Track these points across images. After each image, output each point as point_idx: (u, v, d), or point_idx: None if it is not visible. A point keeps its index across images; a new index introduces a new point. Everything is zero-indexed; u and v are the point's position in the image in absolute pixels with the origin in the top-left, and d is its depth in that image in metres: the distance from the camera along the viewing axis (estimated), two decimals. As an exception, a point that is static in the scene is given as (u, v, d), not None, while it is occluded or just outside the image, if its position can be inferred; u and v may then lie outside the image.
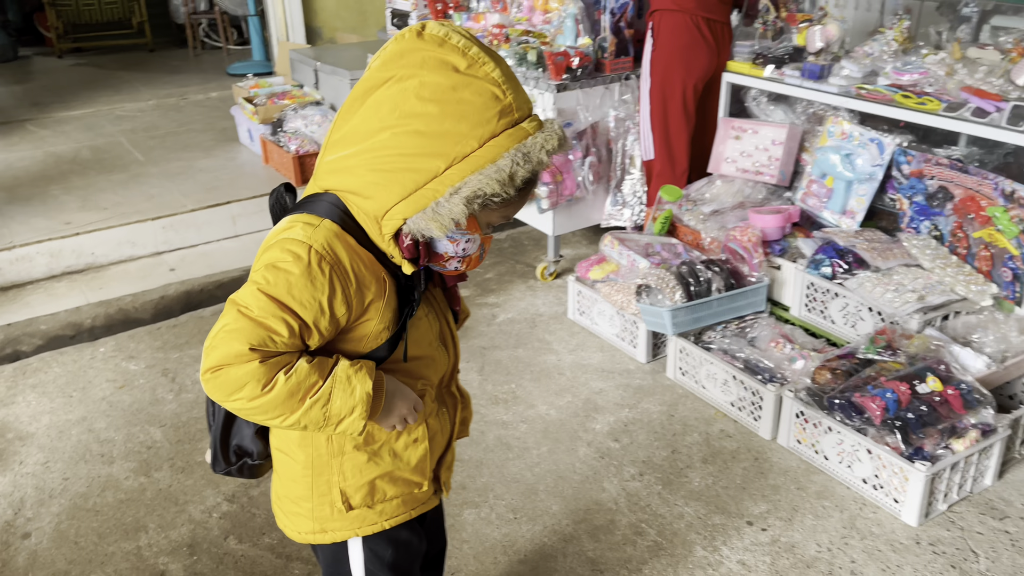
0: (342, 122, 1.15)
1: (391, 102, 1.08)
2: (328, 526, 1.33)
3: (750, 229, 2.91)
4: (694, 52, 3.24)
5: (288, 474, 1.34)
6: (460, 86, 1.06)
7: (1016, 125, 2.47)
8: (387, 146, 1.09)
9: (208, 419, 1.39)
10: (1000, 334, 2.47)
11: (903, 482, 2.17)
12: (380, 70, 1.10)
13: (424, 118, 1.07)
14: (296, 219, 1.15)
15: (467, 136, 1.07)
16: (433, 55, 1.07)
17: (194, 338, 3.22)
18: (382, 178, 1.10)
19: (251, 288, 1.12)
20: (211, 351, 1.13)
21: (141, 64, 7.28)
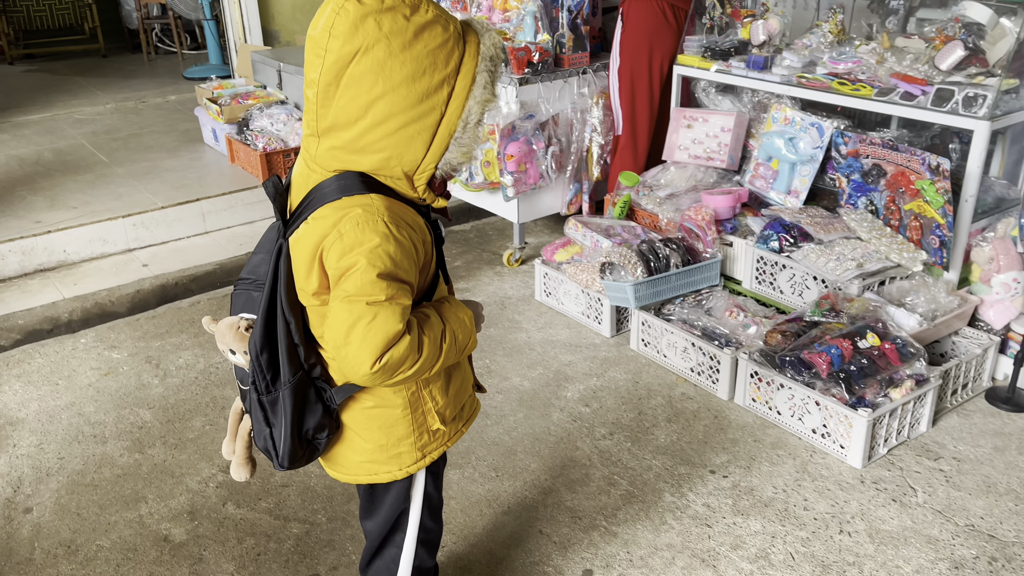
0: (324, 110, 1.22)
1: (371, 72, 1.18)
2: (427, 449, 1.48)
3: (703, 210, 3.12)
4: (660, 34, 3.50)
5: (387, 424, 1.43)
6: (419, 33, 1.19)
7: (939, 106, 2.73)
8: (389, 112, 1.20)
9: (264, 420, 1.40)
10: (930, 296, 2.71)
11: (848, 429, 2.39)
12: (343, 47, 1.18)
13: (407, 73, 1.19)
14: (345, 204, 1.23)
15: (446, 72, 1.22)
16: (384, 16, 1.18)
17: (174, 327, 3.32)
18: (401, 140, 1.22)
19: (364, 277, 1.20)
20: (364, 347, 1.21)
21: (95, 69, 7.26)
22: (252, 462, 1.57)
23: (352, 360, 1.23)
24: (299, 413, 1.37)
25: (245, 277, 1.48)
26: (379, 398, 1.42)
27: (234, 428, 1.56)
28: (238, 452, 1.55)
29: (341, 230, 1.22)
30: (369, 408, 1.43)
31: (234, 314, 1.46)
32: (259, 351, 1.34)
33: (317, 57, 1.21)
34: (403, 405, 1.43)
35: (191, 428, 2.64)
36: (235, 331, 1.41)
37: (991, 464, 2.42)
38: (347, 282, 1.22)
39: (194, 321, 3.37)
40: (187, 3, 6.93)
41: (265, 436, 1.41)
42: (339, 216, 1.23)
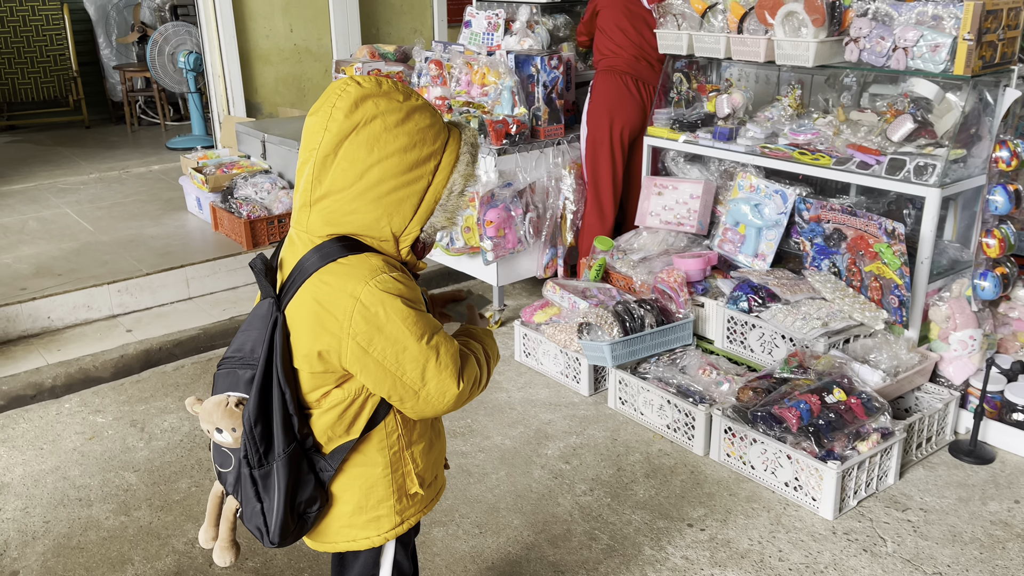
0: (320, 179, 1.32)
1: (367, 143, 1.30)
2: (405, 515, 1.51)
3: (675, 272, 3.26)
4: (621, 104, 3.71)
5: (366, 484, 1.46)
6: (411, 114, 1.34)
7: (893, 175, 2.92)
8: (381, 179, 1.32)
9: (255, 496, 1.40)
10: (892, 352, 2.85)
11: (819, 481, 2.49)
12: (343, 122, 1.30)
13: (400, 144, 1.32)
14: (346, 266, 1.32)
15: (434, 148, 1.36)
16: (380, 98, 1.32)
17: (158, 391, 3.35)
18: (392, 202, 1.34)
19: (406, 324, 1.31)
20: (444, 377, 1.36)
21: (78, 140, 7.38)
22: (236, 545, 1.51)
23: (437, 393, 1.37)
24: (293, 485, 1.39)
25: (231, 356, 1.44)
26: (363, 458, 1.45)
27: (214, 514, 1.52)
28: (222, 535, 1.50)
29: (355, 294, 1.30)
30: (351, 468, 1.45)
31: (218, 393, 1.45)
32: (253, 423, 1.35)
33: (317, 134, 1.32)
34: (385, 465, 1.46)
35: (177, 490, 2.67)
36: (223, 408, 1.40)
37: (956, 514, 2.51)
38: (391, 337, 1.31)
39: (178, 385, 3.41)
40: (172, 77, 7.12)
41: (256, 512, 1.41)
42: (344, 281, 1.30)
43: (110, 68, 7.97)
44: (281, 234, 4.53)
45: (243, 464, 1.39)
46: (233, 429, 1.39)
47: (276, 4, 6.32)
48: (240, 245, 4.48)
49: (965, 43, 2.74)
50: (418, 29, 7.14)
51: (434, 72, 4.17)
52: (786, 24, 3.10)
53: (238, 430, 1.39)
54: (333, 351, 1.33)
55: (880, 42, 2.92)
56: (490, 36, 4.44)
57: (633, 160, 3.93)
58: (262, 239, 4.47)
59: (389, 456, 1.46)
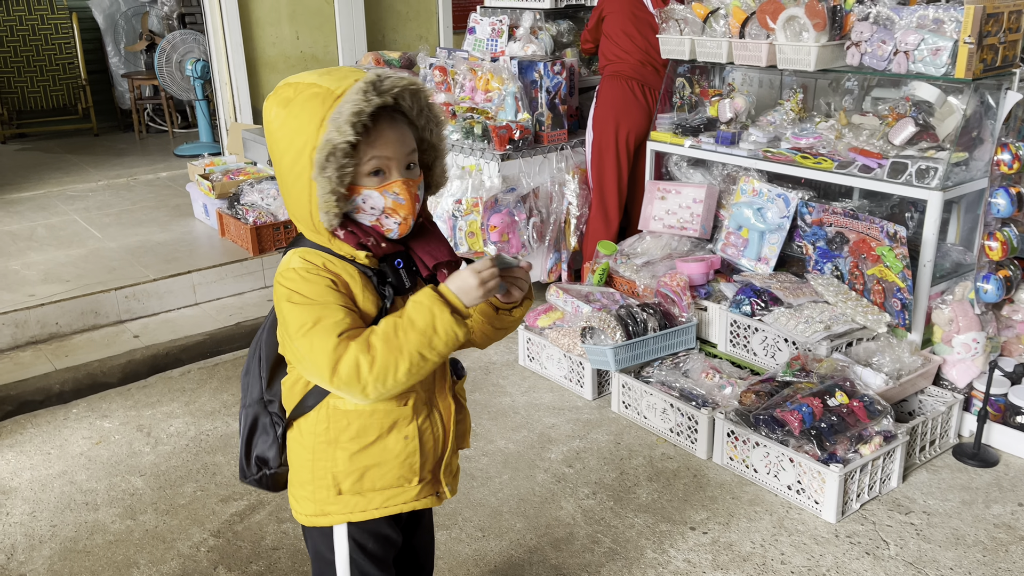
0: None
1: (274, 154, 1.40)
2: (325, 509, 1.51)
3: (678, 276, 3.27)
4: (626, 108, 3.73)
5: (297, 460, 1.54)
6: (291, 106, 1.34)
7: (895, 178, 2.92)
8: (281, 179, 1.41)
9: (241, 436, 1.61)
10: (895, 356, 2.85)
11: (821, 484, 2.49)
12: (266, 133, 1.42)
13: (278, 140, 1.37)
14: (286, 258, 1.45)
15: (310, 130, 1.32)
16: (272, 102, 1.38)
17: (165, 396, 3.38)
18: (292, 200, 1.40)
19: (290, 313, 1.36)
20: (315, 364, 1.33)
21: (87, 148, 7.44)
22: None
23: (320, 382, 1.38)
24: (250, 435, 1.56)
25: None
26: (296, 433, 1.53)
27: None
28: None
29: (281, 278, 1.41)
30: (289, 439, 1.56)
31: None
32: (245, 370, 1.59)
33: None
34: (309, 448, 1.50)
35: (182, 494, 2.69)
36: None
37: (959, 517, 2.51)
38: (283, 323, 1.41)
39: (185, 390, 3.44)
40: (180, 85, 7.17)
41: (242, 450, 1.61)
42: (283, 264, 1.43)
43: (118, 76, 8.03)
44: (287, 240, 4.56)
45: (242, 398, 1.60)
46: None
47: (283, 12, 6.37)
48: (246, 251, 4.51)
49: (966, 46, 2.74)
50: (423, 36, 7.18)
51: (439, 78, 4.19)
52: (787, 29, 3.11)
53: None
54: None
55: (881, 46, 2.93)
56: (494, 42, 4.47)
57: (637, 165, 3.94)
58: (268, 245, 4.50)
59: (312, 443, 1.50)
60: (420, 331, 1.34)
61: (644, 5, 3.81)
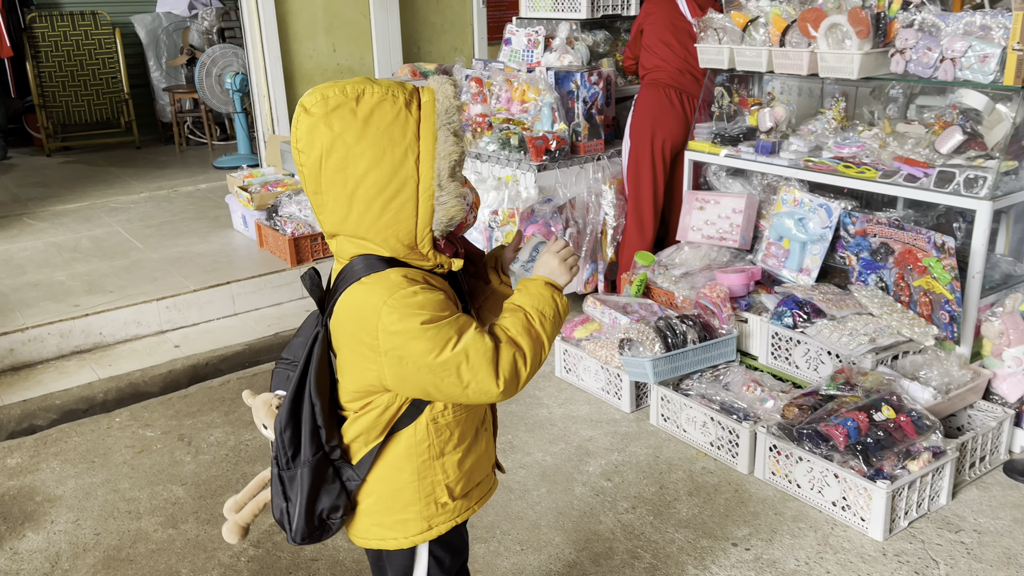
0: (322, 216, 1.34)
1: (339, 171, 1.28)
2: (434, 522, 1.49)
3: (718, 287, 3.22)
4: (663, 116, 3.71)
5: (394, 487, 1.46)
6: (368, 119, 1.26)
7: (942, 188, 2.86)
8: (367, 201, 1.29)
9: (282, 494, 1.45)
10: (943, 369, 2.78)
11: (868, 501, 2.43)
12: (309, 157, 1.28)
13: (368, 161, 1.27)
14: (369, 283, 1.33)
15: (405, 143, 1.27)
16: (332, 116, 1.26)
17: (205, 406, 3.41)
18: (390, 220, 1.30)
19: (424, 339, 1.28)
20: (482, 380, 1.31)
21: (129, 160, 7.58)
22: (246, 530, 1.57)
23: (480, 392, 1.33)
24: (315, 492, 1.42)
25: (285, 357, 1.54)
26: (391, 461, 1.45)
27: (252, 492, 1.58)
28: (244, 516, 1.55)
29: (368, 314, 1.31)
30: (379, 470, 1.46)
31: (272, 391, 1.53)
32: (283, 428, 1.41)
33: (299, 172, 1.33)
34: (412, 471, 1.45)
35: (223, 503, 2.70)
36: (268, 407, 1.49)
37: (1011, 536, 2.43)
38: (417, 351, 1.29)
39: (224, 400, 3.47)
40: (219, 98, 7.28)
41: (282, 509, 1.46)
42: (370, 300, 1.31)
43: (160, 90, 8.19)
44: (324, 250, 4.60)
45: (272, 463, 1.45)
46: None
47: (319, 25, 6.44)
48: (284, 262, 4.55)
49: (1015, 53, 2.68)
50: (458, 47, 7.21)
51: (474, 90, 4.20)
52: (830, 36, 3.06)
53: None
54: (373, 369, 1.35)
55: (927, 53, 2.87)
56: (530, 53, 4.48)
57: (675, 174, 3.91)
58: (306, 255, 4.54)
59: (417, 464, 1.45)
60: (552, 318, 1.40)
61: (683, 14, 3.79)
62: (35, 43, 7.59)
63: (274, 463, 1.45)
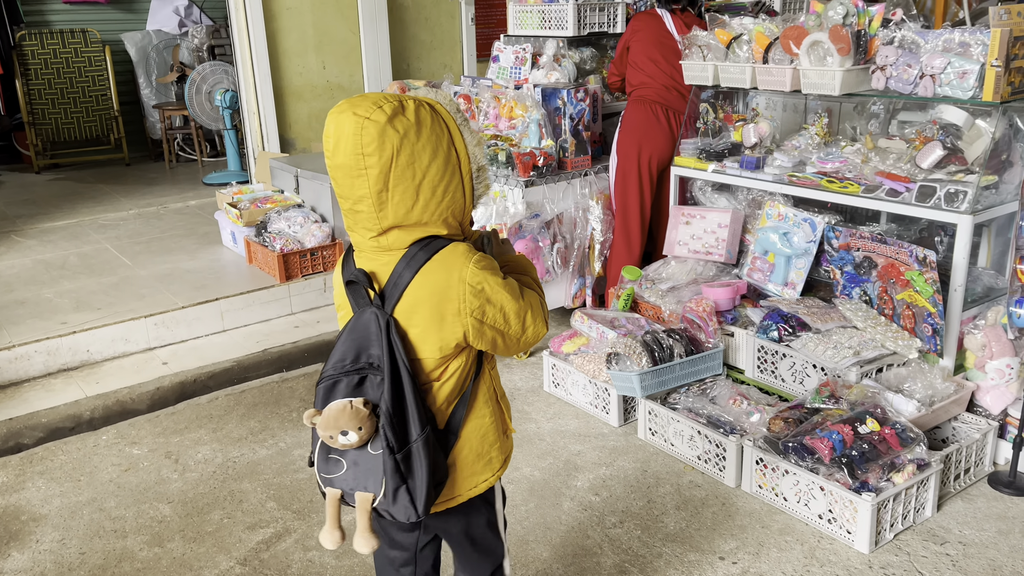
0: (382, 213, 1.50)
1: (408, 167, 1.47)
2: (505, 452, 1.73)
3: (704, 301, 3.25)
4: (649, 132, 3.75)
5: (480, 433, 1.65)
6: (419, 122, 1.49)
7: (923, 202, 2.89)
8: (432, 188, 1.51)
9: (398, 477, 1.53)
10: (927, 382, 2.80)
11: (853, 513, 2.44)
12: (379, 160, 1.45)
13: (430, 152, 1.49)
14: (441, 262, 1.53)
15: (446, 138, 1.53)
16: (395, 121, 1.46)
17: (193, 423, 3.40)
18: (450, 201, 1.54)
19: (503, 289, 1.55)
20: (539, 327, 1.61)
21: (119, 177, 7.58)
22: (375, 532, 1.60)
23: (534, 336, 1.62)
24: (432, 461, 1.55)
25: (333, 368, 1.57)
26: (476, 411, 1.64)
27: (335, 516, 1.60)
28: (361, 525, 1.58)
29: (464, 278, 1.51)
30: (469, 423, 1.63)
31: (325, 404, 1.55)
32: (392, 413, 1.51)
33: (359, 177, 1.47)
34: (490, 413, 1.66)
35: (209, 521, 2.70)
36: (348, 411, 1.51)
37: (996, 548, 2.45)
38: (497, 304, 1.55)
39: (212, 416, 3.46)
40: (209, 115, 7.30)
41: (402, 493, 1.54)
42: (449, 269, 1.52)
43: (150, 107, 8.20)
44: (314, 267, 4.60)
45: (386, 453, 1.52)
46: (360, 428, 1.51)
47: (309, 43, 6.48)
48: (273, 278, 4.55)
49: (993, 69, 2.72)
50: (448, 64, 7.26)
51: (463, 106, 4.23)
52: (811, 53, 3.11)
53: (364, 428, 1.51)
54: (458, 331, 1.54)
55: (907, 70, 2.92)
56: (517, 70, 4.51)
57: (662, 189, 3.94)
58: (295, 272, 4.54)
59: (492, 406, 1.67)
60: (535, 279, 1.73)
61: (669, 32, 3.83)
62: (25, 61, 7.61)
63: (386, 451, 1.51)
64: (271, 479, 2.94)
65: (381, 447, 1.52)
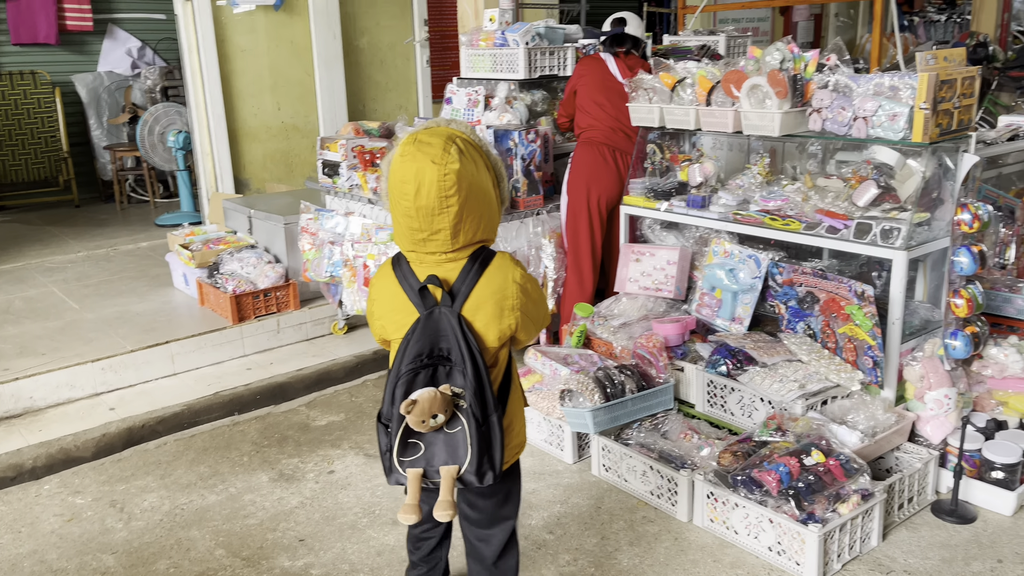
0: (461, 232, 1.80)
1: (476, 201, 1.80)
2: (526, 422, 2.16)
3: (654, 337, 3.30)
4: (598, 173, 3.84)
5: (517, 408, 2.02)
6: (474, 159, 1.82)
7: (861, 239, 2.99)
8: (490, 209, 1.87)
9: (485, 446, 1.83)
10: (869, 413, 2.87)
11: (801, 545, 2.48)
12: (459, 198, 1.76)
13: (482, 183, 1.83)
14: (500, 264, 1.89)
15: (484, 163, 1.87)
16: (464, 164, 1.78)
17: (140, 470, 3.33)
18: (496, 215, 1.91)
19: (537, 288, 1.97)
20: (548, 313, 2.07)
21: (68, 219, 7.46)
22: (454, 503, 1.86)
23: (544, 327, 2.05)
24: (501, 431, 1.86)
25: (414, 362, 1.84)
26: (513, 389, 2.00)
27: (417, 491, 1.84)
28: (443, 496, 1.82)
29: (515, 279, 1.89)
30: (511, 399, 1.98)
31: (413, 391, 1.81)
32: (476, 394, 1.81)
33: (441, 214, 1.78)
34: (518, 390, 2.05)
35: (155, 571, 2.63)
36: (437, 398, 1.79)
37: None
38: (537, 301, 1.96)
39: (160, 463, 3.39)
40: (162, 156, 7.25)
41: (485, 460, 1.84)
42: (504, 272, 1.88)
43: (100, 148, 8.11)
44: (267, 308, 4.56)
45: (473, 428, 1.81)
46: (445, 411, 1.80)
47: (264, 84, 6.50)
48: (226, 320, 4.50)
49: (921, 112, 2.85)
50: (403, 105, 7.33)
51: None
52: (751, 96, 3.22)
53: (447, 413, 1.80)
54: (512, 322, 1.89)
55: (841, 112, 3.04)
56: (470, 112, 4.58)
57: (612, 228, 4.02)
58: (248, 313, 4.50)
59: (519, 384, 2.06)
60: None
61: (613, 76, 3.94)
62: (-29, 103, 7.49)
63: (473, 424, 1.80)
64: (220, 526, 2.89)
65: (459, 425, 1.82)
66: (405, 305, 1.87)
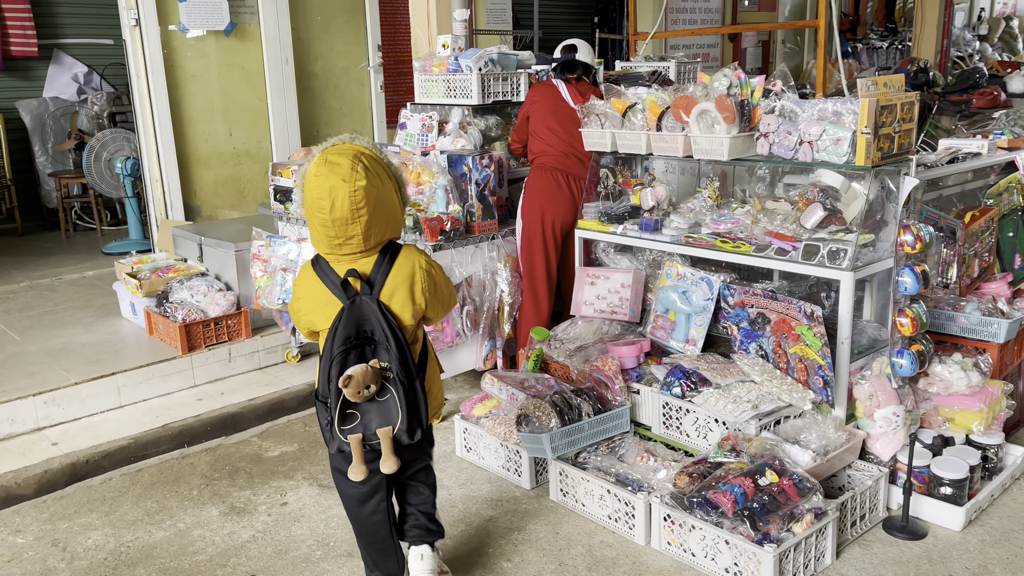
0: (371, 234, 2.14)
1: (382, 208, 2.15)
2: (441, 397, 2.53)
3: (610, 360, 3.31)
4: (551, 198, 3.88)
5: (433, 376, 2.40)
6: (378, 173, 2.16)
7: (809, 260, 3.05)
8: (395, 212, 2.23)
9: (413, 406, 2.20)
10: (821, 432, 2.91)
11: (757, 566, 2.49)
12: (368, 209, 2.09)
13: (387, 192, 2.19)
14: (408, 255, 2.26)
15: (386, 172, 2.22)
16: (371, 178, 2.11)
17: (83, 507, 3.22)
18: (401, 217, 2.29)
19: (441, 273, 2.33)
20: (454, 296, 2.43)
21: (10, 248, 7.25)
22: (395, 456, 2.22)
23: (451, 309, 2.41)
24: (424, 394, 2.23)
25: (344, 344, 2.15)
26: (431, 363, 2.40)
27: (360, 453, 2.18)
28: (386, 450, 2.18)
29: (421, 265, 2.24)
30: (429, 368, 2.36)
31: (342, 371, 2.13)
32: (400, 364, 2.16)
33: (353, 223, 2.09)
34: (434, 359, 2.42)
35: (99, 612, 2.54)
36: (369, 371, 2.11)
37: (893, 591, 2.53)
38: (441, 284, 2.33)
39: (105, 499, 3.29)
40: (109, 183, 7.10)
41: (413, 419, 2.19)
42: (411, 261, 2.24)
43: (45, 175, 7.92)
44: (218, 336, 4.47)
45: (401, 394, 2.16)
46: (376, 382, 2.13)
47: (215, 109, 6.43)
48: (176, 349, 4.40)
49: (864, 136, 2.93)
50: (357, 130, 7.31)
51: (369, 173, 4.25)
52: (700, 121, 3.27)
53: (377, 384, 2.13)
54: (422, 303, 2.24)
55: (787, 136, 3.11)
56: (425, 137, 4.58)
57: (567, 251, 4.04)
58: (198, 342, 4.41)
59: (434, 355, 2.45)
60: None
61: (565, 102, 3.98)
62: (-91, 129, 7.26)
63: (401, 390, 2.16)
64: (167, 563, 2.80)
65: (388, 394, 2.15)
66: (329, 298, 2.17)
